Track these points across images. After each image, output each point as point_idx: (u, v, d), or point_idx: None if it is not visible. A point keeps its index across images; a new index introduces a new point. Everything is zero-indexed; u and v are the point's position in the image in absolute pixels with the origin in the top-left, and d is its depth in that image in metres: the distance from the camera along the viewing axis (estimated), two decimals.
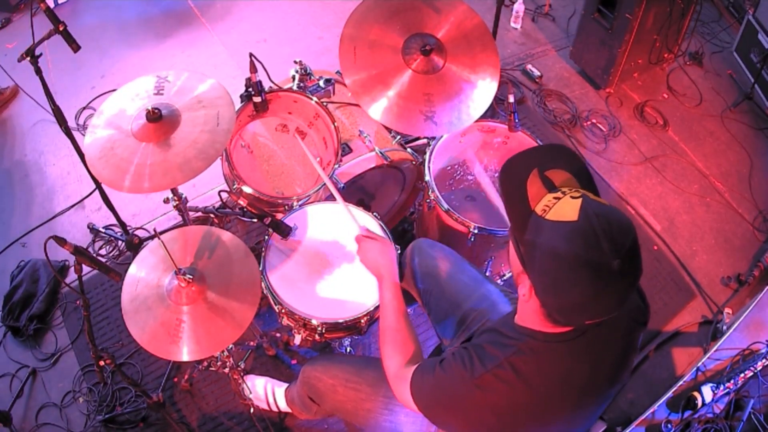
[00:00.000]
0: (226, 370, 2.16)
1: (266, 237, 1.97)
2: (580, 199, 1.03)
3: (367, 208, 2.05)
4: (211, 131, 1.77)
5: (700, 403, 2.10)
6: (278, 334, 2.41)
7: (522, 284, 1.14)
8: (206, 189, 2.94)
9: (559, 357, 1.18)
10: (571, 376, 1.19)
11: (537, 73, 3.42)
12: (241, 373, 2.22)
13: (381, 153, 2.19)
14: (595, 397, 1.27)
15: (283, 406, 2.22)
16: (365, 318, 1.86)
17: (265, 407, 2.26)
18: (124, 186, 1.71)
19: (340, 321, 1.84)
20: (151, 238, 2.60)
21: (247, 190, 2.08)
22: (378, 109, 1.96)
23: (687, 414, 2.12)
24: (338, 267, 1.94)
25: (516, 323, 1.23)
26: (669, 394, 2.19)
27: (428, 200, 2.20)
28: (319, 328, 1.85)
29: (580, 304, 1.05)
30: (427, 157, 2.20)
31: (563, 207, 1.03)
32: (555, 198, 1.05)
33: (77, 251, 1.50)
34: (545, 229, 1.04)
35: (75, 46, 2.02)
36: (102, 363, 1.68)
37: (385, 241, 1.68)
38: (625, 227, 1.03)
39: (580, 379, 1.21)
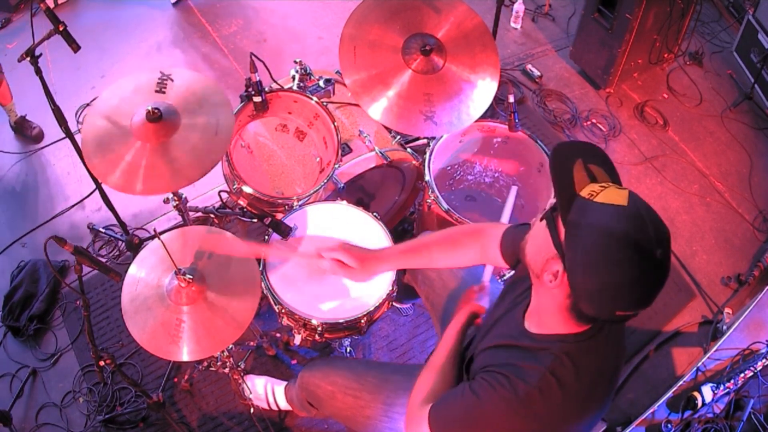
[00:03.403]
0: (226, 370, 2.16)
1: (266, 237, 1.97)
2: (627, 191, 1.08)
3: (367, 208, 2.05)
4: (210, 138, 1.78)
5: (700, 403, 2.10)
6: (278, 334, 2.41)
7: (547, 270, 1.13)
8: (206, 189, 2.93)
9: (591, 354, 1.19)
10: (602, 369, 1.22)
11: (537, 73, 3.42)
12: (241, 373, 2.22)
13: (381, 153, 2.19)
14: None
15: (284, 405, 2.22)
16: (365, 318, 1.86)
17: (265, 407, 2.26)
18: (136, 189, 1.72)
19: (340, 321, 1.84)
20: (151, 238, 2.60)
21: (247, 190, 2.08)
22: (378, 109, 1.96)
23: (687, 414, 2.12)
24: None
25: (535, 334, 1.22)
26: (669, 394, 2.19)
27: (428, 200, 2.20)
28: (319, 328, 1.85)
29: (619, 286, 1.06)
30: (427, 157, 2.20)
31: (612, 193, 1.07)
32: (601, 186, 1.09)
33: (77, 251, 1.50)
34: (593, 210, 1.06)
35: (75, 46, 2.02)
36: (102, 363, 1.68)
37: None
38: (663, 223, 1.08)
39: (610, 368, 1.25)
